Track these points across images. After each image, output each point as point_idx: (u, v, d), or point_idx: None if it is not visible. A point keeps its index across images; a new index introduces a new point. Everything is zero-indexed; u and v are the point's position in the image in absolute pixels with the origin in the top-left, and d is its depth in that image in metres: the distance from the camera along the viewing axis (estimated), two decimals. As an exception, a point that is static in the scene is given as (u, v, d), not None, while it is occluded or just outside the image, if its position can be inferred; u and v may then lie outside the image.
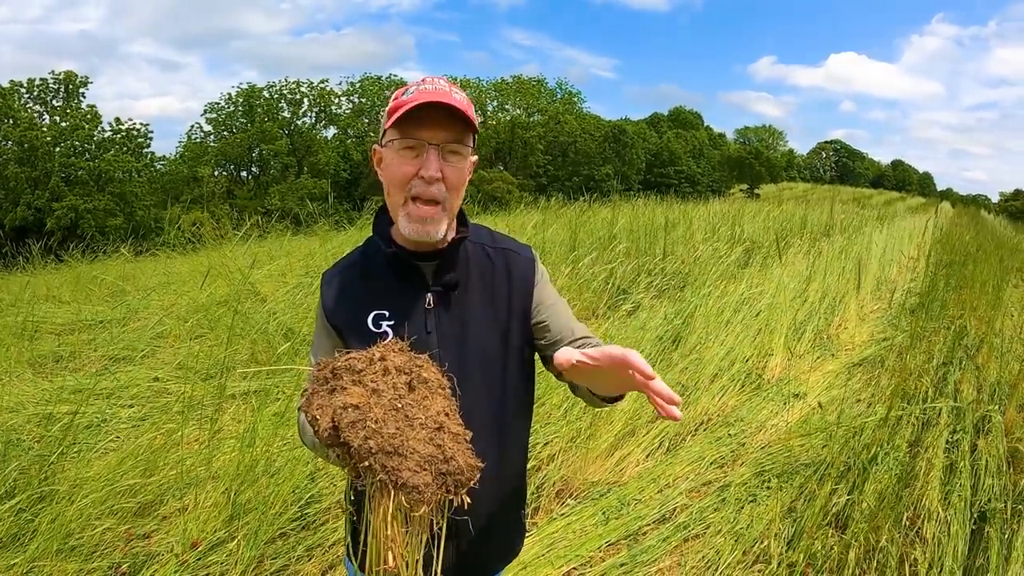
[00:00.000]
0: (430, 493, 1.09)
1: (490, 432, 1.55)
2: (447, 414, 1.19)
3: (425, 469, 1.10)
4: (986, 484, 3.64)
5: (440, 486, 1.11)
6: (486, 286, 1.59)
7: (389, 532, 1.10)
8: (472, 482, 1.14)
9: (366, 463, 1.08)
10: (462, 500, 1.14)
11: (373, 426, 1.09)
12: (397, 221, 1.48)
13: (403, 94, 1.44)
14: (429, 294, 1.52)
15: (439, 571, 1.17)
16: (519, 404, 1.66)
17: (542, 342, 1.63)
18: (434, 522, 1.14)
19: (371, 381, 1.15)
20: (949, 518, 3.33)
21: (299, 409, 1.32)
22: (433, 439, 1.13)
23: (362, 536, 1.16)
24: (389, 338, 1.37)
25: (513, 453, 1.68)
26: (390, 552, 1.11)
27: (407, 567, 1.14)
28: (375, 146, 1.54)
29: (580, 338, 1.60)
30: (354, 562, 1.32)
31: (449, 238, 1.53)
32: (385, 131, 1.46)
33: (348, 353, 1.21)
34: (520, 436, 1.70)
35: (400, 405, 1.14)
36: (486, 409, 1.54)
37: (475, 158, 1.55)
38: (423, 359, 1.24)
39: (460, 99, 1.42)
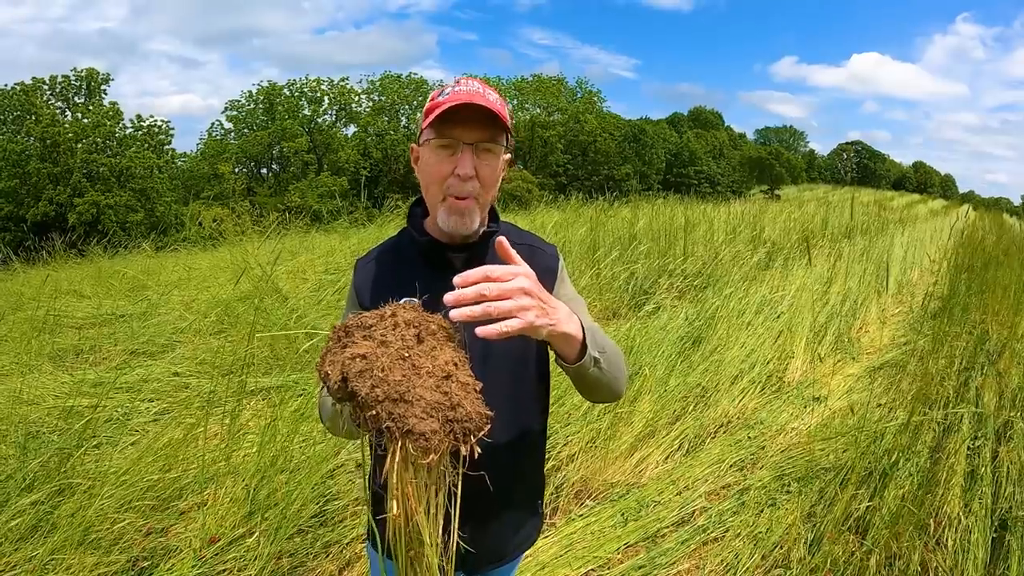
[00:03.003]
0: (437, 440, 1.08)
1: (510, 417, 1.60)
2: (456, 364, 1.18)
3: (432, 416, 1.09)
4: (1007, 492, 3.59)
5: (448, 433, 1.10)
6: None
7: (395, 480, 1.10)
8: (482, 431, 1.14)
9: (373, 411, 1.08)
10: (473, 451, 1.13)
11: (380, 374, 1.09)
12: (435, 215, 1.52)
13: (439, 95, 1.48)
14: None
15: (456, 527, 1.18)
16: (538, 392, 1.71)
17: None
18: (446, 473, 1.14)
19: (380, 334, 1.16)
20: (970, 526, 3.29)
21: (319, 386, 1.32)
22: (440, 387, 1.13)
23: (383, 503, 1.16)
24: None
25: (532, 438, 1.72)
26: (395, 501, 1.11)
27: (427, 521, 1.14)
28: (412, 145, 1.60)
29: None
30: (377, 547, 1.33)
31: (481, 231, 1.57)
32: (422, 131, 1.51)
33: (361, 312, 1.22)
34: (539, 422, 1.74)
35: (407, 354, 1.14)
36: (507, 396, 1.58)
37: (508, 156, 1.58)
38: (435, 316, 1.25)
39: (494, 100, 1.46)
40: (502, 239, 1.28)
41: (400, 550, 1.18)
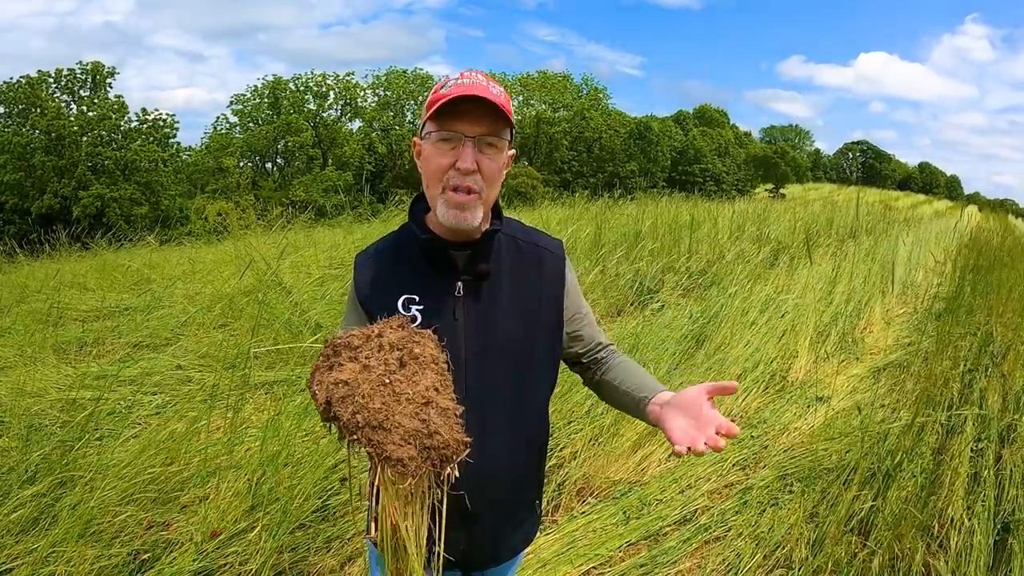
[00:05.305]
0: (414, 466, 1.13)
1: (511, 419, 1.59)
2: (437, 389, 1.22)
3: (409, 443, 1.14)
4: (1010, 495, 3.58)
5: (425, 460, 1.14)
6: (516, 278, 1.60)
7: (381, 501, 1.16)
8: (459, 457, 1.18)
9: (354, 437, 1.14)
10: (452, 475, 1.17)
11: (361, 401, 1.15)
12: (435, 210, 1.49)
13: (441, 88, 1.46)
14: (460, 282, 1.54)
15: (441, 545, 1.22)
16: (540, 393, 1.69)
17: (574, 349, 1.70)
18: (428, 495, 1.18)
19: (365, 357, 1.21)
20: (973, 528, 3.28)
21: None
22: (419, 414, 1.17)
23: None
24: (418, 322, 1.43)
25: (532, 441, 1.70)
26: (373, 522, 1.18)
27: (410, 539, 1.18)
28: (415, 139, 1.57)
29: (604, 345, 1.72)
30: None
31: (483, 228, 1.54)
32: (424, 124, 1.48)
33: (350, 330, 1.26)
34: (539, 425, 1.72)
35: (388, 380, 1.19)
36: (508, 397, 1.58)
37: (512, 152, 1.56)
38: (421, 335, 1.28)
39: (497, 93, 1.43)
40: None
41: (388, 559, 1.22)
